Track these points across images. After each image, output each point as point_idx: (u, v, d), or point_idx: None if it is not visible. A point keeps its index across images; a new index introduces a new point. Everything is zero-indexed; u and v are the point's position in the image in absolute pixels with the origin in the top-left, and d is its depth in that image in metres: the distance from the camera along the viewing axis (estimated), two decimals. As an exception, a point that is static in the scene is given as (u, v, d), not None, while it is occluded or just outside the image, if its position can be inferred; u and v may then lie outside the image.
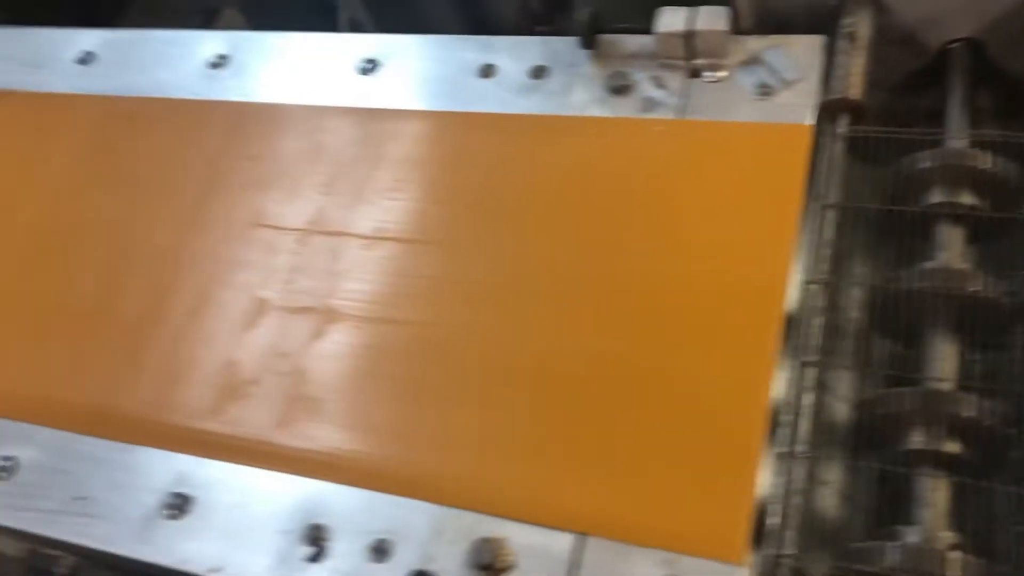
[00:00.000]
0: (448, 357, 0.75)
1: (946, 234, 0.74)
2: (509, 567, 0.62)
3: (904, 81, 0.88)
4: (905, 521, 0.64)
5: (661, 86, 0.81)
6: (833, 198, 0.73)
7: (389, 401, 0.75)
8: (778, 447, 0.63)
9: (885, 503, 0.67)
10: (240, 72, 0.96)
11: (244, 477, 0.72)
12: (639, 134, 0.80)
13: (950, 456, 0.66)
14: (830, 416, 0.70)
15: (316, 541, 0.67)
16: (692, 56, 0.81)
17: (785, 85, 0.79)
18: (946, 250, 0.73)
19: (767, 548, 0.60)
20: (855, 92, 0.77)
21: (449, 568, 0.63)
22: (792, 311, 0.69)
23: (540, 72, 0.85)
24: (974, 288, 0.70)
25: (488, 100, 0.86)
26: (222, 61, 0.97)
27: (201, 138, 0.97)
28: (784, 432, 0.64)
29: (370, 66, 0.91)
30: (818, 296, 0.69)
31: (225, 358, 0.82)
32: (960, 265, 0.72)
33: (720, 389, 0.66)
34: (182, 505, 0.71)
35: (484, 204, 0.83)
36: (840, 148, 0.75)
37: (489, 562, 0.62)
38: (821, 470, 0.68)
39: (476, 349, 0.75)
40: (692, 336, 0.69)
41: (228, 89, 0.96)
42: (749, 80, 0.80)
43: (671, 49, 0.81)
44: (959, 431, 0.66)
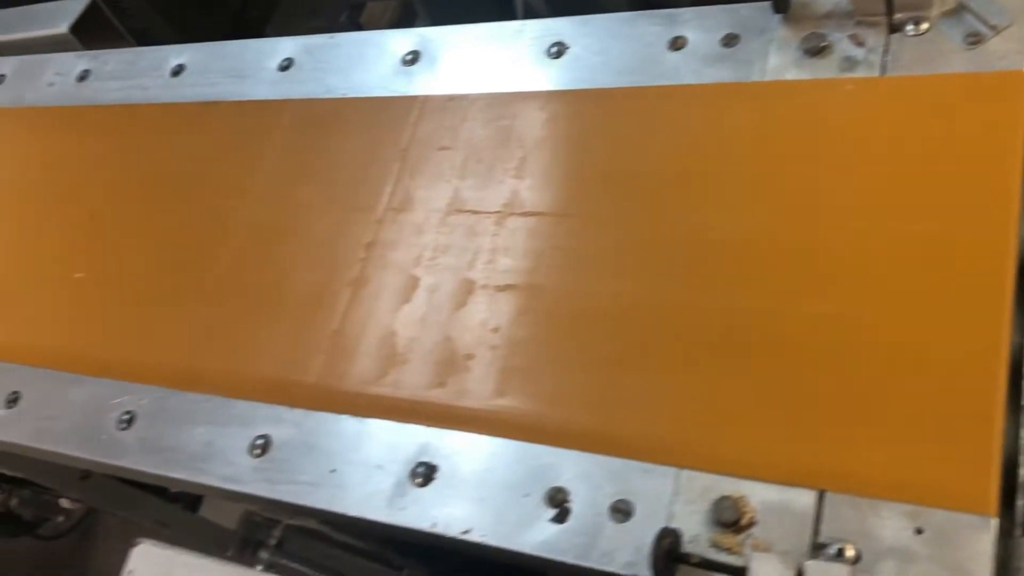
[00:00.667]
0: (660, 325, 0.78)
1: None
2: (752, 524, 0.65)
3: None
4: None
5: (860, 44, 0.81)
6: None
7: (605, 369, 0.78)
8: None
9: None
10: (432, 67, 1.01)
11: (480, 445, 0.77)
12: (840, 94, 0.80)
13: None
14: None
15: (558, 503, 0.71)
16: (891, 11, 0.80)
17: (994, 31, 0.77)
18: None
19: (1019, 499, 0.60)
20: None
21: (692, 526, 0.66)
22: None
23: (731, 40, 0.86)
24: None
25: (681, 72, 0.87)
26: (414, 57, 1.02)
27: (395, 132, 1.03)
28: (1026, 384, 0.63)
29: (557, 49, 0.94)
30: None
31: (443, 335, 0.87)
32: None
33: (955, 342, 0.66)
34: (428, 474, 0.77)
35: (681, 177, 0.85)
36: (1061, 92, 0.73)
37: (733, 519, 0.65)
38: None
39: (689, 317, 0.78)
40: (917, 294, 0.69)
41: (422, 84, 1.01)
42: (955, 30, 0.78)
43: (869, 5, 0.80)
44: None
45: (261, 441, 0.85)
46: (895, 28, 0.80)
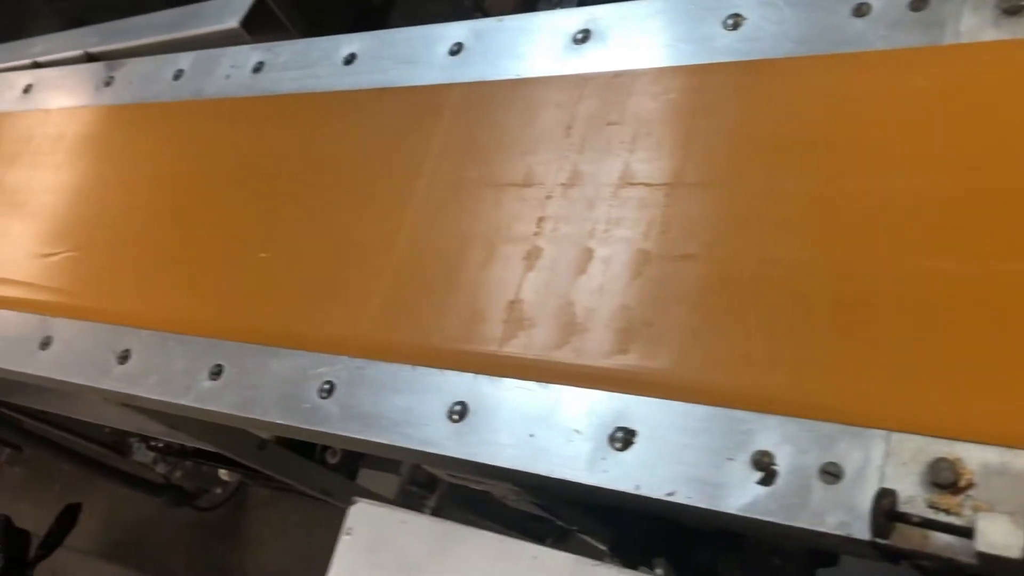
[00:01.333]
0: (848, 290, 0.79)
1: None
2: (971, 485, 0.65)
3: None
4: None
5: (1065, -1, 0.79)
6: None
7: (796, 335, 0.79)
8: None
9: None
10: (603, 44, 1.03)
11: (676, 411, 0.79)
12: (1041, 53, 0.79)
13: None
14: None
15: (764, 466, 0.73)
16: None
17: None
18: None
19: None
20: None
21: (906, 488, 0.67)
22: None
23: (920, 4, 0.85)
24: None
25: (867, 39, 0.86)
26: (585, 36, 1.04)
27: (561, 110, 1.05)
28: None
29: (734, 21, 0.95)
30: None
31: (621, 304, 0.90)
32: None
33: None
34: (627, 438, 0.79)
35: (869, 146, 0.85)
36: None
37: (951, 481, 0.65)
38: None
39: (879, 281, 0.78)
40: None
41: (591, 62, 1.03)
42: None
43: (1075, -43, 0.78)
44: None
45: (459, 407, 0.89)
46: (1104, -18, 0.78)
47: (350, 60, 1.22)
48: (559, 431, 0.83)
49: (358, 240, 1.12)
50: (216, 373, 1.07)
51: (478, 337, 0.96)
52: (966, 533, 0.61)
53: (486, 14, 2.87)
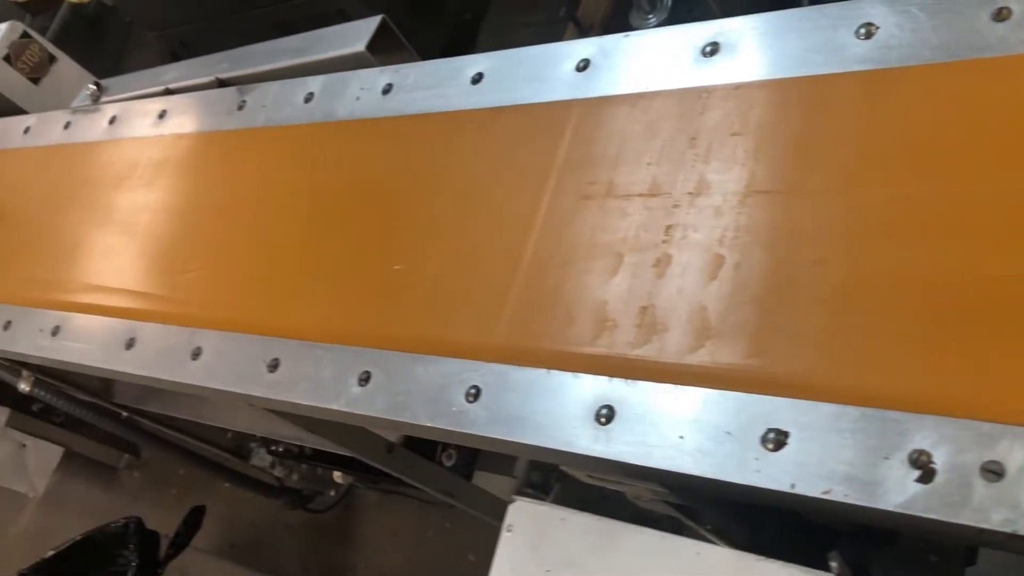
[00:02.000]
0: (967, 294, 0.81)
1: None
2: None
3: None
4: None
5: None
6: None
7: (933, 334, 0.81)
8: None
9: None
10: (732, 56, 1.06)
11: (825, 412, 0.82)
12: None
13: None
14: None
15: (922, 465, 0.75)
16: None
17: None
18: None
19: None
20: None
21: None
22: None
23: (1063, 6, 0.86)
24: None
25: (1008, 43, 0.87)
26: (714, 49, 1.07)
27: (684, 122, 1.08)
28: None
29: (866, 30, 0.97)
30: None
31: (756, 308, 0.93)
32: None
33: None
34: (779, 439, 0.82)
35: (996, 152, 0.86)
36: None
37: (1120, 478, 0.66)
38: None
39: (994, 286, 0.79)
40: None
41: (722, 74, 1.06)
42: None
43: None
44: None
45: (605, 410, 0.93)
46: None
47: (478, 79, 1.27)
48: (709, 432, 0.87)
49: (487, 251, 1.17)
50: (364, 379, 1.13)
51: (611, 341, 1.00)
52: None
53: (578, 24, 2.92)
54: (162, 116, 1.72)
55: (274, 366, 1.23)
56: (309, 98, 1.47)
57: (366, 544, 2.64)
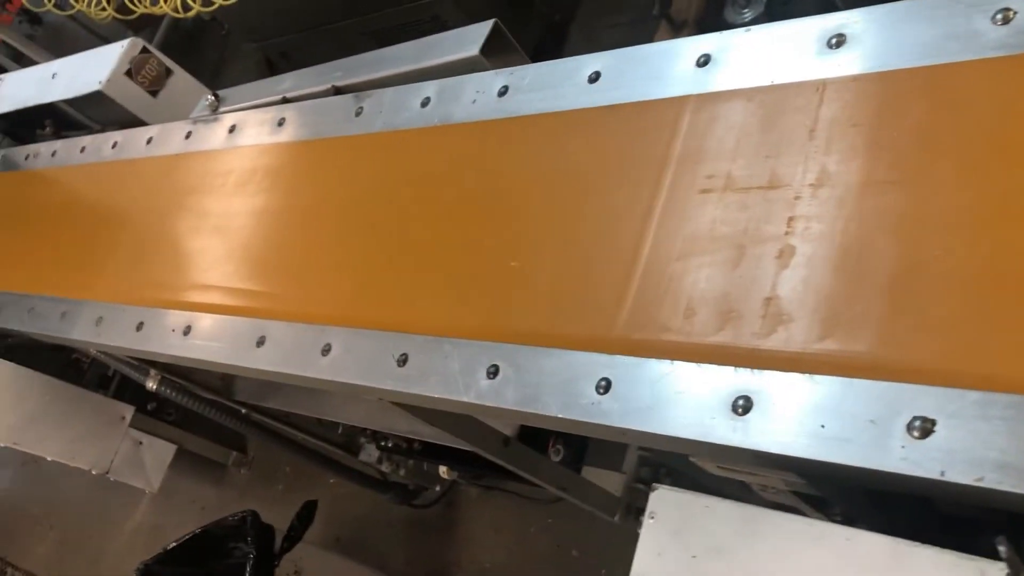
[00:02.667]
0: None
1: None
2: None
3: None
4: None
5: None
6: None
7: None
8: None
9: None
10: (860, 46, 1.06)
11: (968, 400, 0.82)
12: None
13: None
14: None
15: (1081, 452, 0.74)
16: None
17: None
18: None
19: None
20: None
21: None
22: None
23: None
24: None
25: None
26: (840, 40, 1.07)
27: (801, 115, 1.09)
28: None
29: (1003, 16, 0.96)
30: None
31: (884, 296, 0.93)
32: None
33: None
34: (926, 427, 0.82)
35: None
36: None
37: None
38: None
39: None
40: None
41: (849, 64, 1.06)
42: None
43: None
44: None
45: (742, 401, 0.95)
46: None
47: (595, 78, 1.29)
48: (851, 421, 0.87)
49: (605, 245, 1.19)
50: (493, 372, 1.17)
51: (736, 333, 1.01)
52: None
53: (671, 21, 2.91)
54: (281, 124, 1.79)
55: (403, 360, 1.27)
56: (426, 102, 1.52)
57: (469, 539, 2.69)
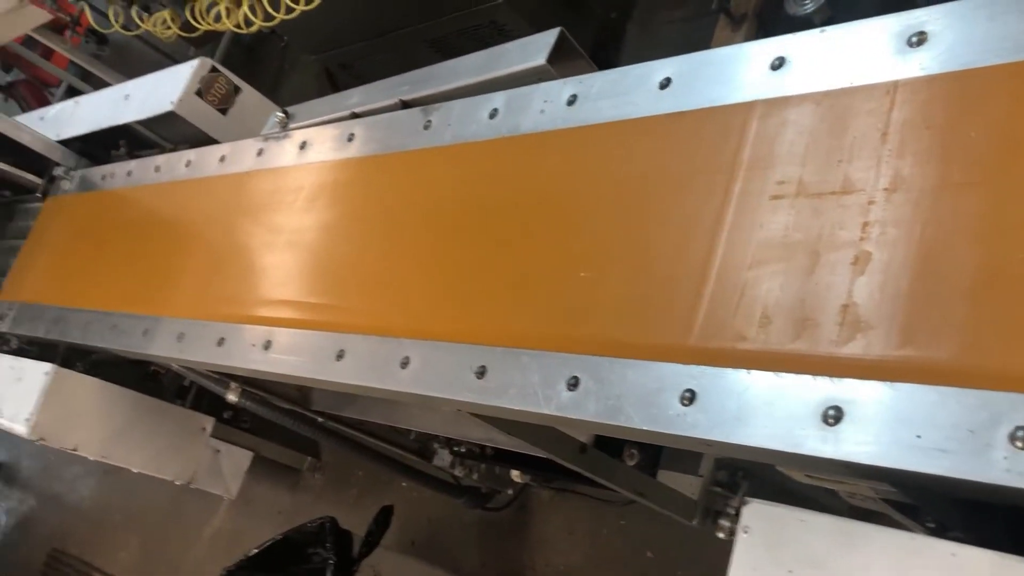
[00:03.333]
0: None
1: None
2: None
3: None
4: None
5: None
6: None
7: None
8: None
9: None
10: (943, 45, 1.03)
11: None
12: None
13: None
14: None
15: None
16: None
17: None
18: None
19: None
20: None
21: None
22: None
23: None
24: None
25: None
26: (921, 39, 1.05)
27: (873, 118, 1.07)
28: None
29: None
30: None
31: (968, 302, 0.91)
32: None
33: None
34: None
35: None
36: None
37: None
38: None
39: None
40: None
41: (926, 63, 1.04)
42: None
43: None
44: None
45: (833, 411, 0.93)
46: None
47: (665, 84, 1.29)
48: (947, 431, 0.85)
49: (675, 254, 1.19)
50: (573, 384, 1.17)
51: (813, 341, 1.00)
52: None
53: (730, 15, 2.88)
54: (351, 139, 1.81)
55: (481, 372, 1.28)
56: (494, 114, 1.53)
57: (543, 542, 2.69)
